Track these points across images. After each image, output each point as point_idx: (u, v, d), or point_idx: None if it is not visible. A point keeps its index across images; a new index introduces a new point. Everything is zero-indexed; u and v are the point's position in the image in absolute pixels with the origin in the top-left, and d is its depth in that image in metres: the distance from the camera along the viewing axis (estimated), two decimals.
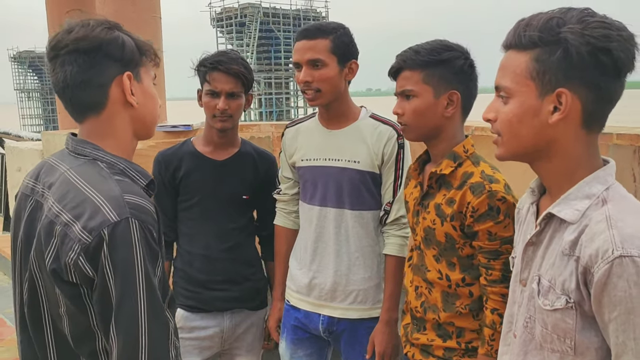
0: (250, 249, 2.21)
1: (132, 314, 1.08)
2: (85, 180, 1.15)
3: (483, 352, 1.50)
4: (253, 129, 3.61)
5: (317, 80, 1.85)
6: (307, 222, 2.01)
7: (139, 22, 3.18)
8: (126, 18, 3.18)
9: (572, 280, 1.00)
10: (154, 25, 3.30)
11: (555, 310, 1.03)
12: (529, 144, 1.07)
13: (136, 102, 1.23)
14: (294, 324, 2.06)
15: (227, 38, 51.06)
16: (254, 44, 48.89)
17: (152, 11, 3.29)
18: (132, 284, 1.09)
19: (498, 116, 1.10)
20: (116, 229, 1.08)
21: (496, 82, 1.10)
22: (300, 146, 2.02)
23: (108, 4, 3.22)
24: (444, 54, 1.53)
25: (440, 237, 1.56)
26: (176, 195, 2.13)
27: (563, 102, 1.01)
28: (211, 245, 2.10)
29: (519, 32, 1.05)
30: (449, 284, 1.57)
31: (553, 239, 1.07)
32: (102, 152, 1.21)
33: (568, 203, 1.04)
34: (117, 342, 1.09)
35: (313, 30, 1.87)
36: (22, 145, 4.35)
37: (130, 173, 1.22)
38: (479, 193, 1.47)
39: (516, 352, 1.15)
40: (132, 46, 1.22)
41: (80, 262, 1.08)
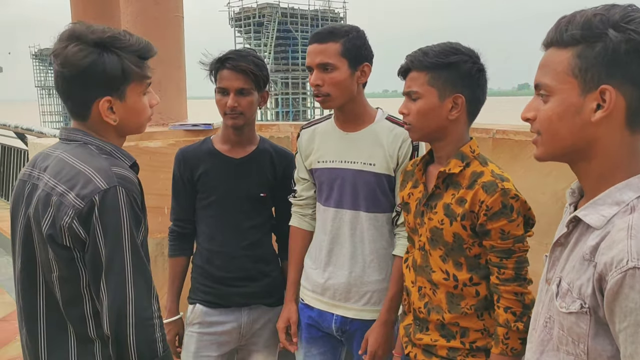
0: (267, 246, 2.23)
1: (121, 269, 1.25)
2: (77, 158, 1.32)
3: (497, 351, 1.50)
4: (272, 129, 3.63)
5: (327, 83, 1.86)
6: (323, 224, 2.03)
7: (162, 21, 3.22)
8: (149, 17, 3.22)
9: (589, 285, 0.99)
10: (177, 24, 3.33)
11: (570, 314, 1.03)
12: (568, 143, 1.04)
13: (114, 121, 1.37)
14: (307, 322, 2.08)
15: (245, 38, 51.26)
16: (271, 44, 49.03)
17: (175, 10, 3.33)
18: (120, 244, 1.25)
19: (538, 115, 1.08)
20: (106, 195, 1.25)
21: (536, 81, 1.08)
22: (317, 148, 2.03)
23: (132, 4, 3.27)
24: (451, 57, 1.53)
25: (448, 237, 1.56)
26: (195, 193, 2.15)
27: (607, 100, 0.98)
28: (229, 243, 2.12)
29: (561, 29, 1.03)
30: (456, 284, 1.57)
31: (578, 243, 1.06)
32: (91, 137, 1.37)
33: (595, 208, 1.02)
34: (107, 295, 1.25)
35: (324, 34, 1.88)
36: (45, 141, 4.41)
37: (116, 154, 1.38)
38: (492, 191, 1.48)
39: (534, 350, 1.15)
40: (114, 70, 1.32)
41: (74, 225, 1.24)
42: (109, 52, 1.32)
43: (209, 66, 2.08)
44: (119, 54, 1.33)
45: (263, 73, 2.07)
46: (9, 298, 4.51)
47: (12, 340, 3.70)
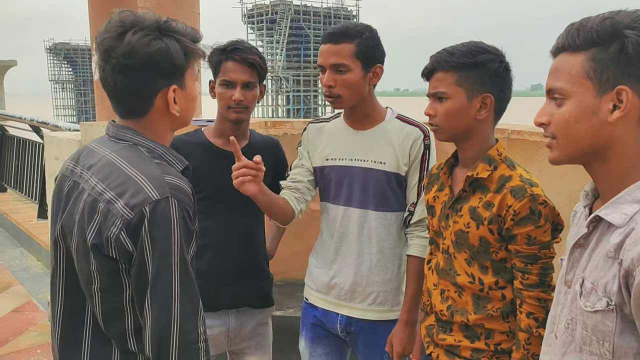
0: (259, 243, 2.18)
1: (167, 288, 1.15)
2: (127, 162, 1.21)
3: (519, 356, 1.48)
4: (286, 126, 3.64)
5: (339, 85, 1.84)
6: (330, 222, 2.00)
7: (179, 17, 3.22)
8: (166, 13, 3.21)
9: (615, 282, 1.00)
10: (193, 21, 3.35)
11: (596, 312, 1.03)
12: (586, 145, 1.06)
13: (178, 112, 1.28)
14: (312, 322, 2.06)
15: (257, 35, 51.30)
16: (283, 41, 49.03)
17: (192, 7, 3.35)
18: (169, 260, 1.15)
19: (552, 119, 1.09)
20: (157, 207, 1.14)
21: (548, 86, 1.10)
22: (325, 145, 2.01)
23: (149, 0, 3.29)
24: (479, 56, 1.51)
25: (474, 240, 1.54)
26: None
27: (623, 100, 1.00)
28: (221, 239, 2.06)
29: (572, 35, 1.05)
30: (482, 287, 1.55)
31: (600, 242, 1.06)
32: (142, 138, 1.27)
33: (616, 207, 1.03)
34: (152, 314, 1.15)
35: (338, 34, 1.84)
36: (61, 135, 4.46)
37: (168, 158, 1.29)
38: (520, 197, 1.46)
39: (555, 353, 1.15)
40: (179, 55, 1.23)
41: (122, 236, 1.14)
42: (170, 38, 1.22)
43: (208, 57, 1.96)
44: (177, 38, 1.23)
45: (265, 66, 2.04)
46: (22, 289, 4.57)
47: (25, 331, 3.74)
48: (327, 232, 2.02)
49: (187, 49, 1.25)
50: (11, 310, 4.12)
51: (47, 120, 6.52)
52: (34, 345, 3.57)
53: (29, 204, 6.84)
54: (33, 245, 5.53)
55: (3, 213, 6.57)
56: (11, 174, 7.71)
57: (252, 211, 2.09)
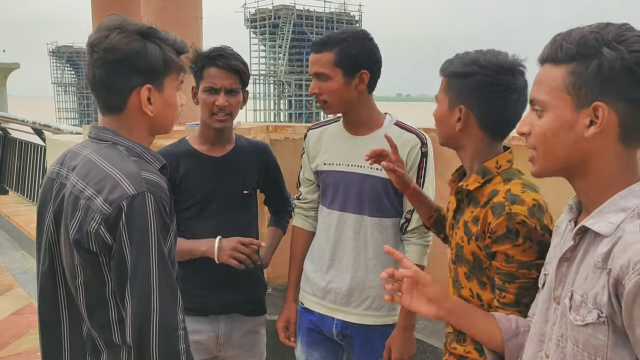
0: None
1: (146, 278, 1.21)
2: (106, 160, 1.28)
3: None
4: (288, 130, 3.65)
5: (323, 92, 1.89)
6: (326, 226, 2.01)
7: (181, 21, 3.25)
8: (169, 17, 3.26)
9: (604, 293, 0.97)
10: (196, 24, 3.37)
11: (586, 326, 1.00)
12: (563, 158, 1.06)
13: (151, 112, 1.34)
14: (308, 327, 2.07)
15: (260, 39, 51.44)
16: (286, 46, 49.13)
17: (194, 11, 3.36)
18: (146, 251, 1.21)
19: (532, 130, 1.09)
20: (134, 201, 1.21)
21: (531, 96, 1.09)
22: (324, 150, 2.02)
23: (152, 3, 3.30)
24: (465, 67, 1.46)
25: (467, 255, 1.50)
26: (175, 196, 2.07)
27: (599, 116, 1.00)
28: None
29: (556, 47, 1.04)
30: (481, 303, 1.50)
31: (587, 253, 1.04)
32: (120, 138, 1.34)
33: (602, 216, 1.02)
34: (132, 303, 1.21)
35: (319, 44, 1.90)
36: (63, 137, 4.47)
37: (146, 156, 1.35)
38: (498, 214, 1.39)
39: None
40: (157, 59, 1.31)
41: (101, 230, 1.21)
42: (151, 42, 1.31)
43: (192, 62, 1.97)
44: (160, 45, 1.32)
45: (248, 72, 2.03)
46: (22, 292, 4.56)
47: (25, 334, 3.74)
48: (323, 236, 2.03)
49: (167, 56, 1.33)
50: (11, 312, 4.11)
51: (50, 123, 6.54)
52: (34, 347, 3.56)
53: (31, 207, 6.85)
54: (34, 248, 5.52)
55: (4, 215, 6.58)
56: (13, 177, 7.72)
57: (242, 217, 2.09)
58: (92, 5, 4.16)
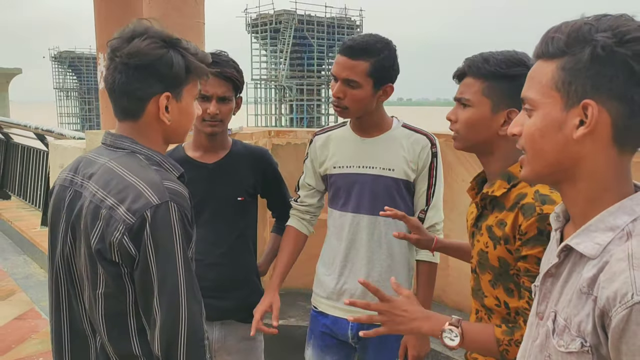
0: (246, 256, 2.15)
1: (174, 289, 1.20)
2: (127, 169, 1.26)
3: None
4: (289, 135, 3.66)
5: (348, 98, 1.87)
6: (338, 229, 2.02)
7: (184, 27, 3.27)
8: (171, 23, 3.26)
9: (589, 322, 0.89)
10: (198, 30, 3.38)
11: (570, 354, 0.92)
12: (551, 162, 0.97)
13: (168, 120, 1.32)
14: (322, 331, 2.07)
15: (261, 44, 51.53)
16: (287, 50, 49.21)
17: (197, 17, 3.38)
18: (173, 262, 1.20)
19: (522, 130, 1.01)
20: (158, 211, 1.19)
21: (522, 94, 1.01)
22: (333, 154, 2.03)
23: (154, 9, 3.32)
24: (513, 68, 1.39)
25: (493, 261, 1.43)
26: None
27: (589, 115, 0.90)
28: (205, 251, 2.01)
29: (547, 40, 0.95)
30: (508, 311, 1.43)
31: (572, 274, 0.96)
32: (139, 146, 1.32)
33: (589, 235, 0.93)
34: (160, 314, 1.19)
35: (357, 50, 1.84)
36: (66, 143, 4.49)
37: (165, 165, 1.34)
38: (529, 215, 1.33)
39: None
40: (179, 67, 1.30)
41: (125, 241, 1.19)
42: (174, 50, 1.30)
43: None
44: (183, 54, 1.31)
45: (242, 79, 2.03)
46: (25, 297, 4.57)
47: (28, 339, 3.75)
48: (335, 238, 2.04)
49: (190, 65, 1.31)
50: (14, 317, 4.12)
51: (52, 129, 6.54)
52: (36, 352, 3.57)
53: (33, 212, 6.86)
54: (36, 253, 5.54)
55: (7, 220, 6.59)
56: (15, 182, 7.73)
57: (237, 223, 2.09)
58: (95, 12, 4.18)
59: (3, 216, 6.73)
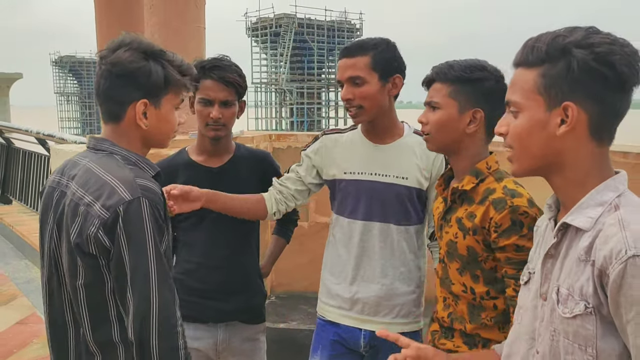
0: (249, 258, 2.17)
1: (145, 277, 1.29)
2: (104, 169, 1.37)
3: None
4: (290, 139, 3.67)
5: (358, 97, 1.86)
6: (347, 237, 1.99)
7: (185, 32, 3.29)
8: (172, 28, 3.29)
9: (590, 284, 1.02)
10: (198, 35, 3.40)
11: (575, 317, 1.04)
12: (538, 157, 1.11)
13: (145, 125, 1.43)
14: (332, 339, 2.04)
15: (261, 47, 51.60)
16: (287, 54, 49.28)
17: (197, 22, 3.39)
18: (144, 252, 1.30)
19: (509, 130, 1.15)
20: (130, 206, 1.30)
21: (506, 98, 1.16)
22: (343, 158, 2.00)
23: (155, 15, 3.34)
24: (475, 73, 1.58)
25: (462, 250, 1.59)
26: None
27: (569, 115, 1.05)
28: (209, 254, 2.06)
29: (527, 50, 1.10)
30: (474, 296, 1.59)
31: (570, 249, 1.09)
32: (117, 148, 1.43)
33: (581, 212, 1.07)
34: (133, 301, 1.29)
35: (353, 48, 1.88)
36: (67, 147, 4.50)
37: (141, 164, 1.45)
38: (501, 208, 1.50)
39: None
40: (157, 77, 1.41)
41: (100, 234, 1.30)
42: (155, 61, 1.41)
43: None
44: (164, 65, 1.43)
45: (245, 84, 2.05)
46: (26, 302, 4.57)
47: (30, 344, 3.75)
48: (343, 247, 2.01)
49: (169, 77, 1.43)
50: (15, 322, 4.13)
51: (54, 133, 6.56)
52: (37, 357, 3.57)
53: (34, 216, 6.86)
54: (38, 257, 5.52)
55: (8, 225, 6.59)
56: (16, 186, 7.74)
57: (240, 226, 2.10)
58: (96, 17, 4.20)
59: (4, 221, 6.74)
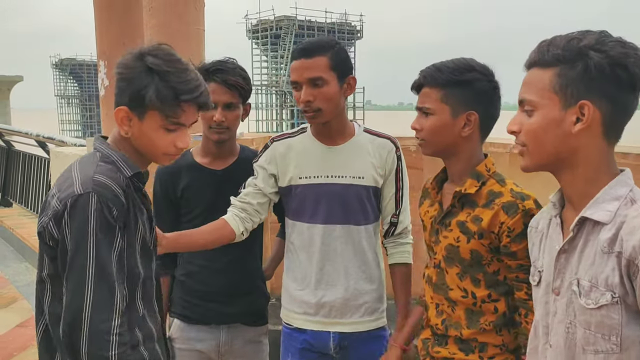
0: (252, 261, 2.16)
1: (81, 273, 1.27)
2: (78, 165, 1.40)
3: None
4: None
5: (318, 99, 1.82)
6: (307, 242, 1.96)
7: (184, 34, 3.28)
8: (172, 30, 3.29)
9: (615, 275, 1.05)
10: (198, 37, 3.40)
11: (600, 308, 1.07)
12: (552, 153, 1.15)
13: (125, 133, 1.41)
14: (301, 347, 2.01)
15: (262, 50, 51.65)
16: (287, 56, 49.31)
17: (197, 24, 3.39)
18: (83, 248, 1.28)
19: (522, 128, 1.18)
20: (78, 200, 1.30)
21: (520, 97, 1.19)
22: (297, 163, 1.96)
23: (155, 17, 3.34)
24: (465, 74, 1.52)
25: (464, 254, 1.55)
26: (177, 209, 2.08)
27: (585, 113, 1.10)
28: (212, 257, 2.04)
29: (542, 51, 1.14)
30: (474, 301, 1.56)
31: (588, 242, 1.12)
32: (105, 146, 1.43)
33: (598, 206, 1.11)
34: (66, 295, 1.28)
35: (310, 48, 1.83)
36: (67, 150, 4.50)
37: (120, 164, 1.41)
38: (513, 213, 1.48)
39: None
40: (148, 91, 1.36)
41: (50, 225, 1.32)
42: (153, 76, 1.36)
43: None
44: (156, 83, 1.36)
45: (249, 86, 2.03)
46: (27, 304, 4.57)
47: (30, 346, 3.74)
48: (303, 252, 1.98)
49: (159, 93, 1.36)
50: (16, 325, 4.12)
51: (54, 136, 6.57)
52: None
53: (34, 219, 6.86)
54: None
55: (8, 228, 6.60)
56: (17, 189, 7.75)
57: None
58: (96, 19, 4.20)
59: (5, 224, 6.74)
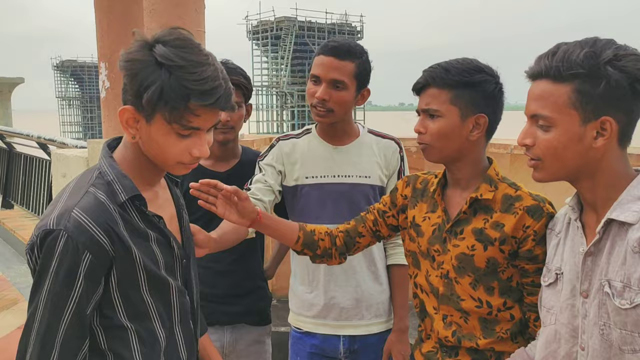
0: (255, 262, 2.17)
1: (33, 312, 1.16)
2: (72, 186, 1.25)
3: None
4: None
5: (334, 100, 1.84)
6: None
7: None
8: None
9: None
10: (199, 39, 3.37)
11: (635, 307, 1.08)
12: (573, 167, 1.18)
13: (132, 137, 1.23)
14: (310, 352, 2.01)
15: (262, 51, 51.63)
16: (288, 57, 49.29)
17: (197, 25, 3.39)
18: (39, 291, 1.15)
19: (537, 142, 1.19)
20: (47, 236, 1.15)
21: (532, 111, 1.19)
22: (302, 164, 1.96)
23: (155, 19, 3.33)
24: (475, 75, 1.47)
25: (480, 262, 1.49)
26: None
27: (607, 129, 1.13)
28: (217, 258, 2.02)
29: (556, 65, 1.14)
30: (490, 310, 1.50)
31: (615, 243, 1.14)
32: (105, 160, 1.27)
33: (623, 207, 1.14)
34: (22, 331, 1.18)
35: (343, 51, 1.83)
36: (68, 152, 4.50)
37: (115, 186, 1.23)
38: (539, 216, 1.44)
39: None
40: (155, 88, 1.14)
41: (28, 253, 1.19)
42: (161, 70, 1.15)
43: None
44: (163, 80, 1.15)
45: (250, 86, 2.05)
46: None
47: None
48: None
49: (167, 92, 1.15)
50: (17, 327, 4.12)
51: (55, 137, 6.56)
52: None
53: (36, 221, 6.84)
54: None
55: (10, 230, 6.60)
56: (18, 191, 7.76)
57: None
58: (96, 21, 4.20)
59: (6, 225, 6.74)
